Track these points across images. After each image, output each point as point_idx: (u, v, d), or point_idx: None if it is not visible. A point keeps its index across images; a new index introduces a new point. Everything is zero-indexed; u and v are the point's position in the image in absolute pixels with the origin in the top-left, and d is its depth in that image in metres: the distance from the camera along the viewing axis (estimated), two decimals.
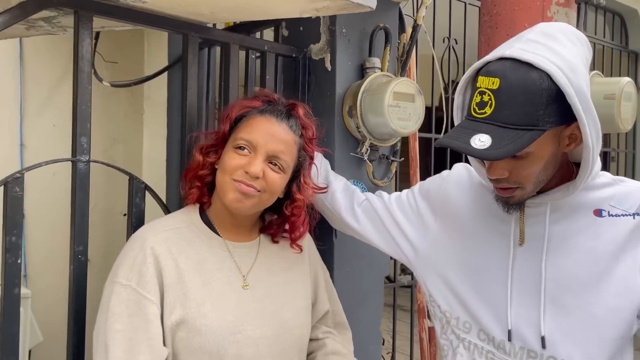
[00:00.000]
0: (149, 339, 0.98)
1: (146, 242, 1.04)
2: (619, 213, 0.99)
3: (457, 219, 1.12)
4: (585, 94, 0.89)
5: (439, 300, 1.12)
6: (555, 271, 1.00)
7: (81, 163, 1.16)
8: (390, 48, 1.53)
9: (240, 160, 1.06)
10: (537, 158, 0.92)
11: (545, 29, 0.97)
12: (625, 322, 0.97)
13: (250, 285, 1.10)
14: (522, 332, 1.01)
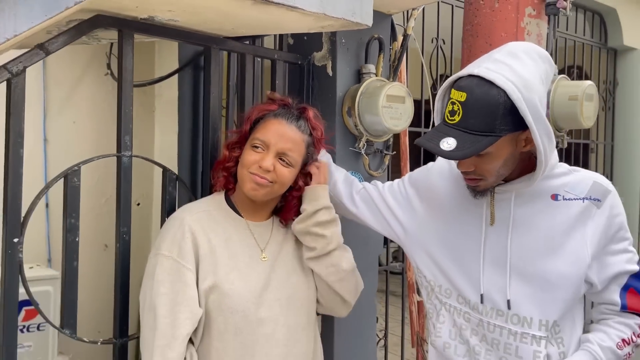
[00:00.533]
0: (187, 299, 1.21)
1: (184, 221, 1.26)
2: (572, 197, 1.22)
3: (440, 203, 1.34)
4: (536, 106, 1.10)
5: (424, 271, 1.35)
6: (518, 246, 1.22)
7: (125, 157, 1.39)
8: (383, 56, 1.76)
9: (255, 157, 1.28)
10: (496, 157, 1.14)
11: (512, 48, 1.18)
12: (574, 286, 1.20)
13: (267, 257, 1.33)
14: (492, 296, 1.23)
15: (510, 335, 1.21)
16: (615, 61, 4.75)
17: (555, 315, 1.20)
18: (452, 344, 1.29)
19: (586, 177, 1.25)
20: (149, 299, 1.22)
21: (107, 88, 2.81)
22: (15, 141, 1.20)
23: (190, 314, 1.21)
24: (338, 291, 1.37)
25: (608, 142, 4.78)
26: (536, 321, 1.20)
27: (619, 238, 1.22)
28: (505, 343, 1.22)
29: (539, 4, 1.83)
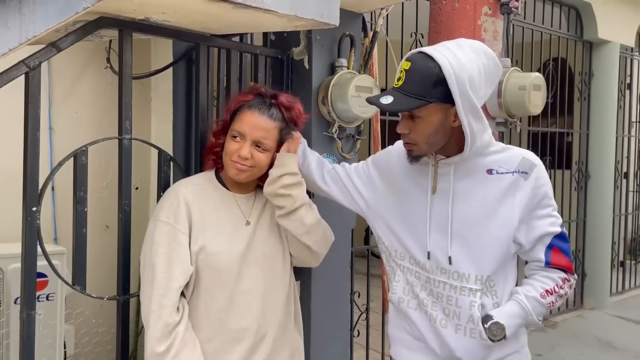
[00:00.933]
0: (181, 258, 1.43)
1: (179, 193, 1.49)
2: (504, 171, 1.44)
3: (395, 179, 1.55)
4: (464, 85, 1.30)
5: (383, 238, 1.57)
6: (458, 214, 1.44)
7: (125, 140, 1.61)
8: (354, 51, 1.98)
9: (235, 146, 1.50)
10: (427, 122, 1.35)
11: (460, 41, 1.40)
12: (504, 246, 1.42)
13: (250, 222, 1.56)
14: (437, 255, 1.45)
15: (452, 289, 1.44)
16: (590, 53, 4.96)
17: (488, 271, 1.43)
18: (405, 298, 1.51)
19: (516, 153, 1.47)
20: (148, 258, 1.45)
21: (106, 80, 3.03)
22: (33, 125, 1.43)
23: (183, 270, 1.43)
24: (305, 242, 1.58)
25: (584, 131, 5.01)
26: (472, 276, 1.42)
27: (543, 205, 1.44)
28: (447, 296, 1.44)
29: (494, 3, 2.05)
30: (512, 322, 1.40)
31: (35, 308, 1.45)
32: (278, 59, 1.99)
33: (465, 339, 1.42)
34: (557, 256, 1.45)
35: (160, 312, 1.39)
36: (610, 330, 4.47)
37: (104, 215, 2.83)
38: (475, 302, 1.41)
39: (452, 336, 1.43)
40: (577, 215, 4.98)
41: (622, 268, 5.58)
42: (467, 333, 1.42)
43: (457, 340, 1.43)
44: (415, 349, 1.50)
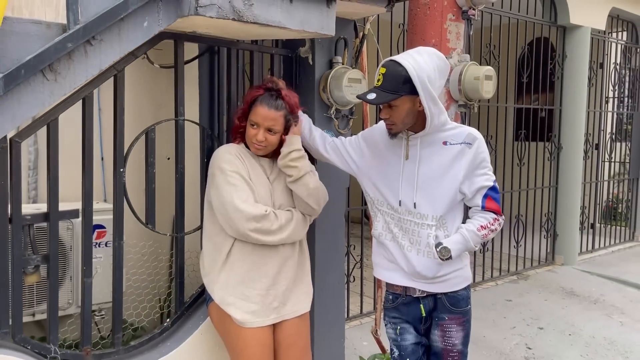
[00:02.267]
0: (250, 191, 2.06)
1: (231, 151, 2.11)
2: (455, 143, 2.04)
3: (378, 149, 2.15)
4: (424, 81, 1.88)
5: (368, 191, 2.18)
6: (422, 173, 2.05)
7: (180, 121, 2.21)
8: (347, 50, 2.56)
9: (253, 132, 2.11)
10: (400, 110, 1.94)
11: (420, 49, 1.99)
12: (452, 195, 2.03)
13: (270, 179, 2.17)
14: (406, 202, 2.07)
15: (415, 225, 2.06)
16: (564, 37, 5.51)
17: (441, 212, 2.04)
18: (384, 233, 2.14)
19: (464, 130, 2.07)
20: (223, 196, 2.04)
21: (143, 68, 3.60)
22: (120, 110, 2.03)
23: (252, 195, 2.07)
24: (307, 202, 2.18)
25: (557, 107, 5.59)
26: (430, 216, 2.04)
27: (481, 166, 2.05)
28: (412, 230, 2.06)
29: (457, 11, 2.61)
30: (455, 247, 2.02)
31: (123, 239, 2.08)
32: (288, 57, 2.57)
33: (424, 259, 2.04)
34: (490, 202, 2.06)
35: (249, 205, 2.04)
36: (575, 282, 5.13)
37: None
38: (431, 233, 2.03)
39: (415, 257, 2.05)
40: (550, 182, 5.60)
41: (592, 230, 6.23)
42: (425, 255, 2.04)
43: (418, 260, 2.05)
44: (390, 269, 2.13)
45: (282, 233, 2.11)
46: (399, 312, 2.12)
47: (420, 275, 2.06)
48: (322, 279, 2.60)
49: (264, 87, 2.16)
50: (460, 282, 2.10)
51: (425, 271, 2.06)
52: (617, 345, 3.86)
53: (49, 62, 1.66)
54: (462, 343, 2.13)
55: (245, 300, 2.10)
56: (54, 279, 1.94)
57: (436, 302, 2.10)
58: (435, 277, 2.06)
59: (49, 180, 1.90)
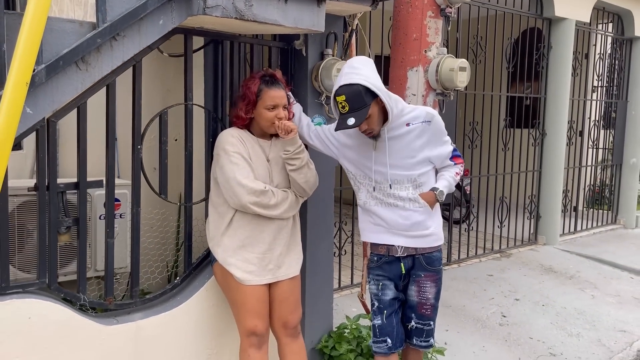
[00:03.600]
0: (250, 169, 2.39)
1: (234, 134, 2.43)
2: (416, 123, 2.38)
3: (351, 136, 2.46)
4: (376, 84, 2.22)
5: (349, 169, 2.52)
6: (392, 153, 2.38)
7: (189, 105, 2.54)
8: (337, 43, 2.88)
9: (272, 114, 2.43)
10: (374, 116, 2.28)
11: (350, 63, 2.33)
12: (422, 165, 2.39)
13: (269, 159, 2.51)
14: (382, 174, 2.41)
15: (395, 189, 2.40)
16: (550, 29, 5.80)
17: (416, 175, 2.40)
18: (368, 201, 2.48)
19: (421, 110, 2.41)
20: (227, 173, 2.36)
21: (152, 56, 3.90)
22: (138, 96, 2.36)
23: (250, 174, 2.39)
24: (302, 186, 2.52)
25: (542, 95, 5.90)
26: (406, 180, 2.40)
27: (442, 136, 2.42)
28: (391, 193, 2.41)
29: (436, 9, 2.93)
30: (445, 190, 2.42)
31: (140, 206, 2.42)
32: (284, 49, 2.89)
33: (407, 213, 2.40)
34: (456, 159, 2.49)
35: (250, 181, 2.37)
36: (554, 260, 5.48)
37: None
38: (409, 192, 2.40)
39: (399, 214, 2.41)
40: (534, 166, 5.93)
41: (575, 213, 6.57)
42: (409, 207, 2.40)
43: (404, 215, 2.41)
44: (375, 231, 2.49)
45: (278, 209, 2.45)
46: (382, 270, 2.48)
47: (403, 225, 2.41)
48: (314, 246, 2.95)
49: (258, 76, 2.47)
50: (435, 240, 2.46)
51: (412, 225, 2.41)
52: (586, 315, 4.22)
53: (82, 54, 1.99)
54: (435, 298, 2.49)
55: (245, 261, 2.45)
56: (83, 238, 2.29)
57: (414, 261, 2.45)
58: (417, 229, 2.42)
59: (79, 154, 2.24)
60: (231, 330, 2.66)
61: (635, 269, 5.32)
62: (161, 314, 2.45)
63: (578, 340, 3.82)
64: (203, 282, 2.62)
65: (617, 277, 5.14)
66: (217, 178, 2.45)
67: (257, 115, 2.46)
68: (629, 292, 4.78)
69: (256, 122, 2.49)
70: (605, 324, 4.09)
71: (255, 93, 2.43)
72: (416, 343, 2.54)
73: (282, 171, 2.52)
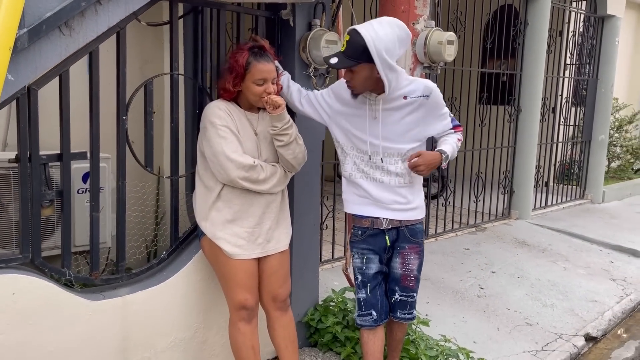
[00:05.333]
0: (238, 143, 2.34)
1: (221, 107, 2.37)
2: (414, 96, 2.36)
3: (346, 101, 2.42)
4: (380, 51, 2.16)
5: (338, 137, 2.49)
6: (386, 129, 2.35)
7: (175, 75, 2.46)
8: (325, 13, 2.82)
9: (261, 89, 2.35)
10: (359, 76, 2.24)
11: (382, 19, 2.28)
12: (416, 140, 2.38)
13: (257, 132, 2.46)
14: (374, 147, 2.39)
15: (384, 161, 2.39)
16: (527, 6, 5.83)
17: (406, 149, 2.40)
18: (353, 173, 2.46)
19: (420, 82, 2.39)
20: (214, 147, 2.30)
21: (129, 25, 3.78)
22: (122, 65, 2.27)
23: (239, 148, 2.34)
24: (291, 162, 2.48)
25: (517, 72, 5.96)
26: (396, 153, 2.38)
27: (440, 110, 2.41)
28: (380, 166, 2.40)
29: None
30: (450, 155, 2.40)
31: (125, 179, 2.35)
32: (271, 18, 2.82)
33: (392, 188, 2.40)
34: (456, 128, 2.47)
35: (239, 155, 2.32)
36: (527, 233, 5.62)
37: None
38: (398, 166, 2.39)
39: (386, 187, 2.40)
40: (509, 142, 6.02)
41: (546, 188, 6.73)
42: (392, 184, 2.39)
43: (390, 189, 2.40)
44: (360, 203, 2.47)
45: (267, 184, 2.41)
46: (367, 243, 2.48)
47: (389, 199, 2.40)
48: (300, 219, 2.93)
49: (246, 48, 2.40)
50: (418, 214, 2.47)
51: (399, 197, 2.40)
52: (559, 286, 4.35)
53: (66, 19, 1.89)
54: (418, 269, 2.51)
55: (234, 236, 2.41)
56: (67, 211, 2.21)
57: (398, 233, 2.46)
58: (401, 203, 2.41)
59: (61, 124, 2.15)
60: (219, 305, 2.64)
61: (603, 242, 5.49)
62: (148, 289, 2.41)
63: (552, 310, 3.93)
64: (190, 256, 2.58)
65: (586, 249, 5.30)
66: (205, 152, 2.39)
67: (245, 89, 2.39)
68: (599, 264, 4.94)
69: (244, 95, 2.43)
70: (578, 295, 4.22)
71: (243, 66, 2.36)
72: (400, 316, 2.57)
73: (271, 145, 2.48)
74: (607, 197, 7.25)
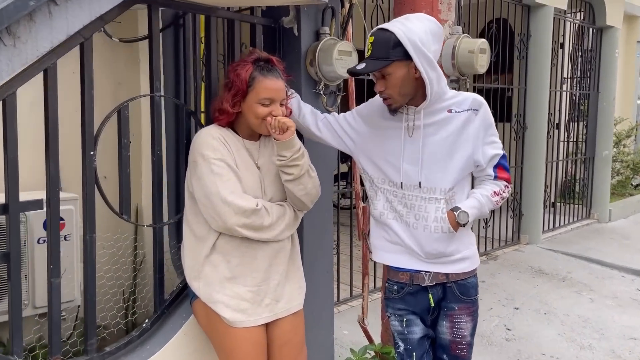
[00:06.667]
0: (237, 181, 1.84)
1: (215, 135, 1.86)
2: (460, 110, 1.90)
3: (376, 123, 1.97)
4: (416, 43, 1.73)
5: (367, 169, 2.00)
6: (427, 149, 1.88)
7: (157, 97, 1.96)
8: (335, 20, 2.36)
9: (266, 110, 1.87)
10: (395, 78, 1.79)
11: (408, 16, 1.84)
12: (462, 168, 1.89)
13: (259, 165, 1.96)
14: (410, 180, 1.90)
15: (422, 200, 1.90)
16: (529, 16, 5.49)
17: (450, 185, 1.90)
18: (385, 212, 1.96)
19: (468, 95, 1.93)
20: (207, 187, 1.81)
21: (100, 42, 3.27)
22: (89, 85, 1.76)
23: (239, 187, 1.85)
24: (302, 199, 1.98)
25: (522, 87, 5.59)
26: (438, 190, 1.89)
27: (490, 133, 1.93)
28: (418, 205, 1.91)
29: None
30: (472, 211, 1.89)
31: (95, 231, 1.82)
32: (271, 27, 2.35)
33: (431, 235, 1.90)
34: (501, 172, 1.96)
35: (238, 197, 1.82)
36: (542, 260, 5.18)
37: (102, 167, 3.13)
38: (439, 207, 1.89)
39: (422, 234, 1.90)
40: (516, 162, 5.61)
41: (553, 209, 6.33)
42: (432, 230, 1.89)
43: (426, 237, 1.90)
44: (393, 251, 1.97)
45: (273, 230, 1.92)
46: (405, 302, 1.98)
47: (428, 253, 1.92)
48: (312, 266, 2.42)
49: (250, 60, 1.92)
50: (470, 265, 1.98)
51: (434, 249, 1.91)
52: (591, 322, 3.90)
53: (7, 23, 1.38)
54: (471, 334, 2.01)
55: (235, 297, 1.90)
56: (15, 281, 1.67)
57: (445, 291, 1.96)
58: (444, 255, 1.93)
59: (6, 165, 1.62)
60: None
61: (623, 267, 5.09)
62: None
63: (592, 353, 3.47)
64: (180, 323, 2.05)
65: (608, 276, 4.89)
66: (195, 193, 1.89)
67: (247, 110, 1.91)
68: (626, 292, 4.51)
69: (243, 119, 1.94)
70: (614, 332, 3.77)
71: (246, 82, 1.87)
72: None
73: (276, 180, 1.98)
74: (613, 215, 6.89)
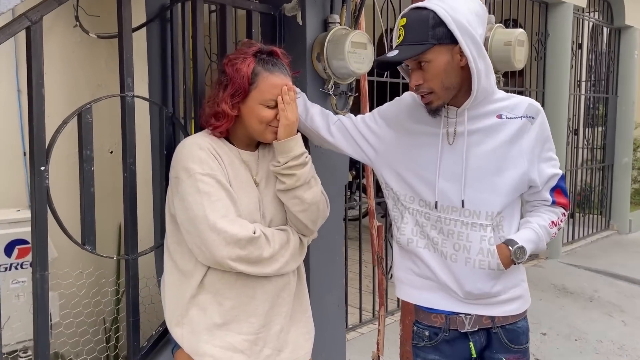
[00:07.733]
0: (229, 202, 1.46)
1: (202, 145, 1.48)
2: (513, 116, 1.50)
3: (406, 128, 1.58)
4: (462, 23, 1.37)
5: (391, 184, 1.61)
6: (472, 161, 1.49)
7: (128, 97, 1.58)
8: (346, 7, 1.98)
9: (272, 113, 1.51)
10: (436, 66, 1.41)
11: None
12: (514, 188, 1.50)
13: (257, 181, 1.57)
14: (449, 198, 1.49)
15: (463, 225, 1.50)
16: (546, 14, 5.12)
17: (498, 208, 1.51)
18: (414, 239, 1.56)
19: (522, 99, 1.54)
20: (192, 209, 1.43)
21: (75, 39, 2.90)
22: (37, 82, 1.38)
23: (236, 209, 1.47)
24: (301, 220, 1.58)
25: (540, 89, 5.21)
26: (483, 213, 1.49)
27: (547, 148, 1.55)
28: (458, 232, 1.51)
29: None
30: (529, 246, 1.51)
31: (47, 269, 1.43)
32: (270, 15, 1.97)
33: (474, 271, 1.50)
34: (560, 196, 1.58)
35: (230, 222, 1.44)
36: (564, 277, 4.79)
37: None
38: (485, 236, 1.49)
39: (462, 269, 1.50)
40: None
41: (572, 220, 5.94)
42: (476, 265, 1.49)
43: (467, 273, 1.50)
44: (422, 287, 1.57)
45: (275, 263, 1.53)
46: (440, 352, 1.57)
47: (469, 293, 1.52)
48: (320, 301, 2.03)
49: (251, 52, 1.54)
50: (520, 305, 1.58)
51: (477, 288, 1.52)
52: (627, 349, 3.50)
53: None
54: None
55: (227, 349, 1.51)
56: None
57: (490, 338, 1.56)
58: (489, 296, 1.53)
59: None
60: None
61: None
62: None
63: None
64: None
65: (638, 295, 4.49)
66: (177, 216, 1.50)
67: (247, 113, 1.53)
68: None
69: (241, 125, 1.56)
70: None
71: (248, 78, 1.50)
72: None
73: (278, 197, 1.59)
74: (633, 226, 6.50)
